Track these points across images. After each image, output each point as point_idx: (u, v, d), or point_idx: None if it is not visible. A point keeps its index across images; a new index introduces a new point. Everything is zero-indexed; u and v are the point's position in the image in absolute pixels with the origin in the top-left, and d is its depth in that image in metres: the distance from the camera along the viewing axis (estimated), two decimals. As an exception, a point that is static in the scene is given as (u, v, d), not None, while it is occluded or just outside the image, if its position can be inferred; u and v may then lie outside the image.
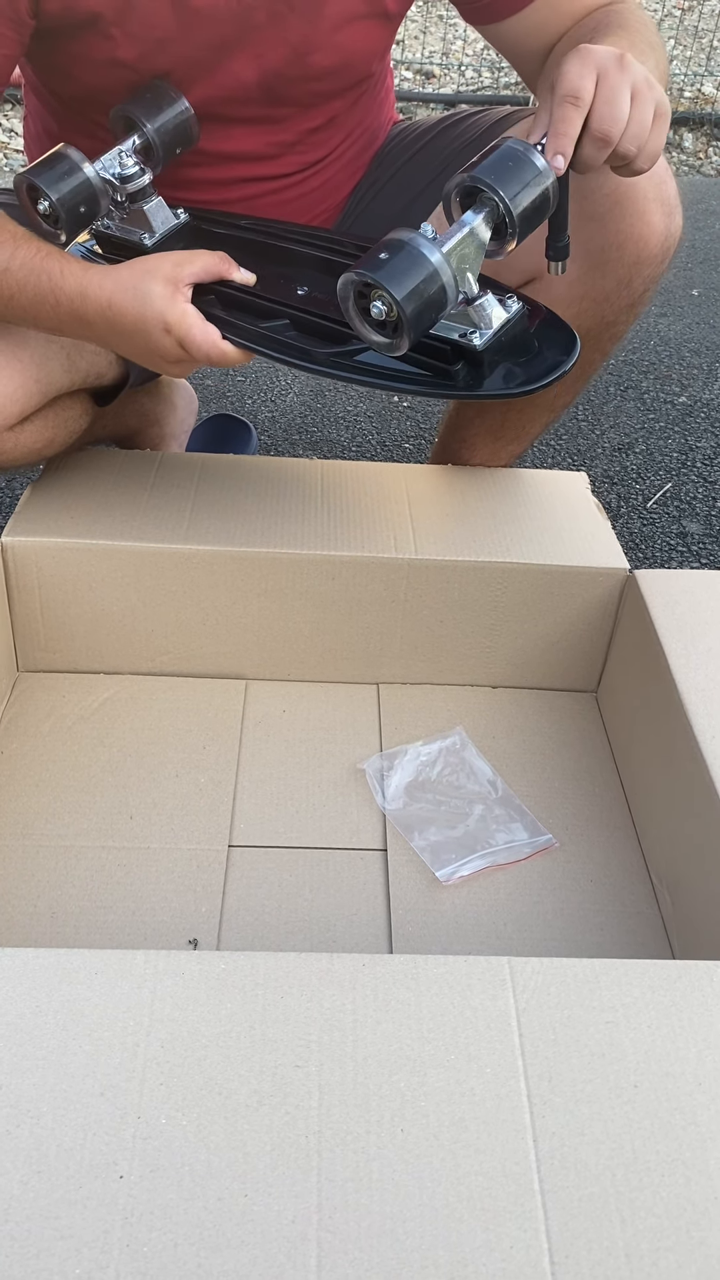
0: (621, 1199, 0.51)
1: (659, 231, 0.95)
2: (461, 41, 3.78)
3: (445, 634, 1.03)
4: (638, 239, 0.95)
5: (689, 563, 1.46)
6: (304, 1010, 0.57)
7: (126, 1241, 0.48)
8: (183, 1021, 0.56)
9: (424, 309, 0.76)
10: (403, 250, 0.76)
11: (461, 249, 0.79)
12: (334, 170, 1.09)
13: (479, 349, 0.84)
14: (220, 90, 0.94)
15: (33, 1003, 0.57)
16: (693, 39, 3.76)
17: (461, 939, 0.83)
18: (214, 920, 0.83)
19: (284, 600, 1.00)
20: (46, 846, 0.89)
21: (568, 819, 0.94)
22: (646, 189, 0.93)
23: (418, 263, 0.75)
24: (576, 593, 1.00)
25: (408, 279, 0.75)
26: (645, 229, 0.94)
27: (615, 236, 0.94)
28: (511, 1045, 0.56)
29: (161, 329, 0.83)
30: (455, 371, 0.86)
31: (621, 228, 0.94)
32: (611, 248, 0.95)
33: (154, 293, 0.83)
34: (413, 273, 0.75)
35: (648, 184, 0.93)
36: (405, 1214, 0.50)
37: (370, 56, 0.99)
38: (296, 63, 0.94)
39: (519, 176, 0.78)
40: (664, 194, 0.94)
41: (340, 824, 0.92)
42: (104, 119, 0.95)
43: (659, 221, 0.94)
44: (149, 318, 0.83)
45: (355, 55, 0.96)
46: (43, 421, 0.97)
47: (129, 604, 1.00)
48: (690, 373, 1.92)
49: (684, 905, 0.83)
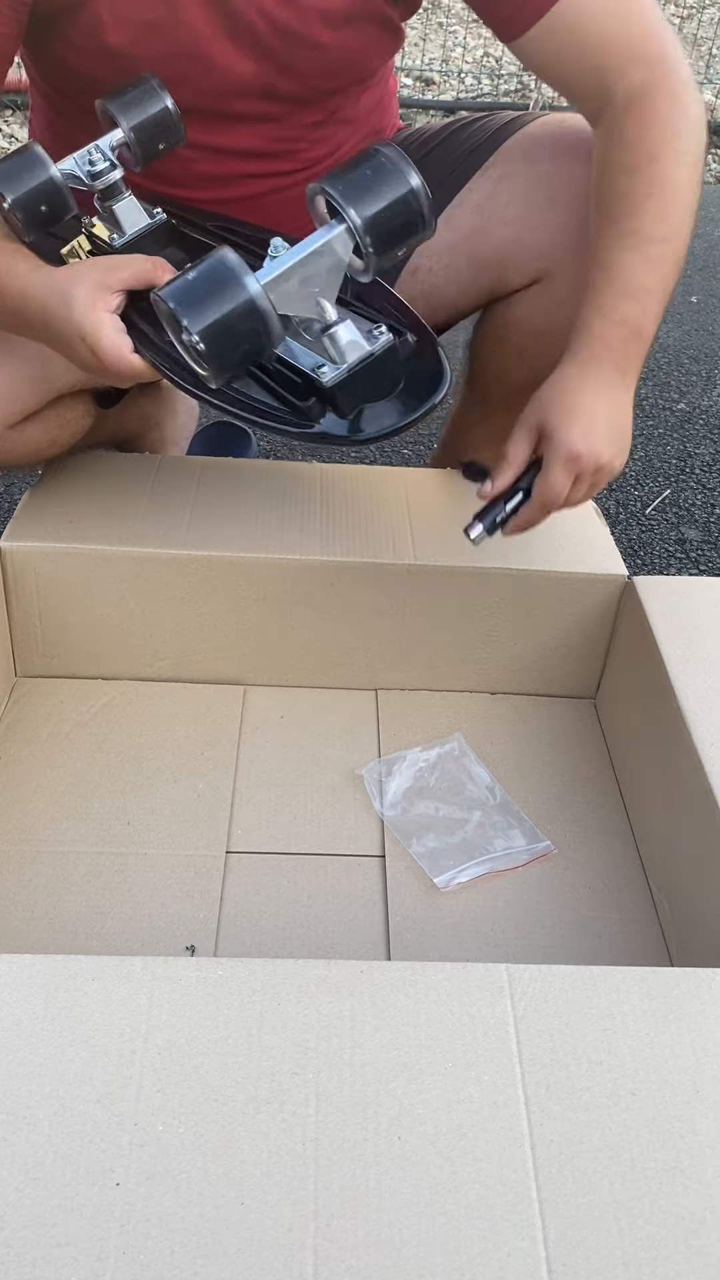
0: (619, 1207, 0.51)
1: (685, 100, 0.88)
2: (461, 49, 3.79)
3: (444, 640, 1.03)
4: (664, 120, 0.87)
5: (687, 569, 1.46)
6: (301, 1017, 0.57)
7: (123, 1249, 0.48)
8: (180, 1028, 0.56)
9: (229, 344, 0.67)
10: (212, 273, 0.66)
11: (304, 270, 0.70)
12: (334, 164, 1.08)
13: (325, 385, 0.76)
14: (217, 83, 0.93)
15: (29, 1009, 0.56)
16: (692, 46, 3.78)
17: (459, 946, 0.83)
18: (211, 926, 0.83)
19: (282, 605, 1.00)
20: (44, 852, 0.88)
21: (566, 825, 0.94)
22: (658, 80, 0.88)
23: (226, 290, 0.65)
24: (575, 599, 1.00)
25: (209, 309, 0.65)
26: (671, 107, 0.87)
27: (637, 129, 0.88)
28: (509, 1052, 0.56)
29: (78, 336, 0.81)
30: (305, 408, 0.78)
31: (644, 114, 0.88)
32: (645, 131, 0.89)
33: (77, 298, 0.81)
34: (217, 302, 0.65)
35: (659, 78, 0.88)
36: (402, 1222, 0.50)
37: (368, 56, 0.98)
38: (292, 56, 0.93)
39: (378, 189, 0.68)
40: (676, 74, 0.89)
41: (338, 830, 0.92)
42: None
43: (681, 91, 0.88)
44: (70, 323, 0.81)
45: (352, 53, 0.95)
46: (45, 421, 0.97)
47: (127, 609, 1.00)
48: (689, 380, 1.92)
49: (682, 912, 0.83)
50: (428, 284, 1.07)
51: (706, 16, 4.05)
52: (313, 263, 0.70)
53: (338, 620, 1.01)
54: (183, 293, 0.66)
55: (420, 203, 0.69)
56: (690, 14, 4.10)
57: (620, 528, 1.52)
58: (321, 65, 0.94)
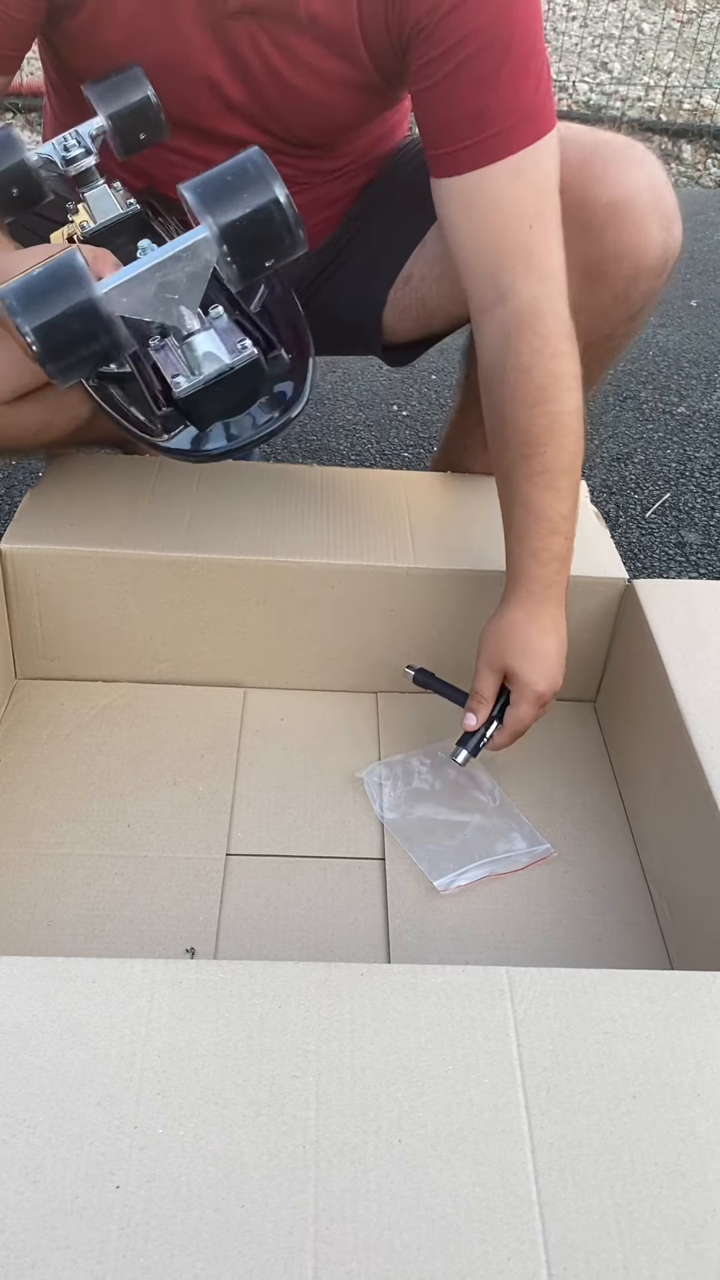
0: (620, 1210, 0.51)
1: (657, 244, 0.95)
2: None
3: (444, 643, 1.03)
4: (635, 251, 0.95)
5: (687, 572, 1.46)
6: (302, 1020, 0.57)
7: (123, 1252, 0.48)
8: (180, 1031, 0.56)
9: (66, 346, 0.64)
10: (54, 274, 0.64)
11: (162, 276, 0.67)
12: (330, 187, 1.09)
13: (176, 397, 0.74)
14: (205, 103, 0.93)
15: (30, 1011, 0.56)
16: (691, 51, 3.78)
17: (459, 949, 0.83)
18: (211, 929, 0.83)
19: (283, 608, 1.00)
20: (44, 854, 0.88)
21: (566, 828, 0.94)
22: (644, 202, 0.93)
23: (65, 291, 0.63)
24: (575, 602, 1.00)
25: (45, 309, 0.63)
26: (643, 241, 0.94)
27: (612, 249, 0.94)
28: (510, 1055, 0.56)
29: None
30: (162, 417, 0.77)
31: (619, 240, 0.94)
32: (609, 260, 0.95)
33: None
34: (55, 303, 0.63)
35: (646, 196, 0.93)
36: (403, 1225, 0.49)
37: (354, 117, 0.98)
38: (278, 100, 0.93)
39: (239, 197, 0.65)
40: (662, 207, 0.94)
41: (338, 833, 0.92)
42: None
43: (657, 234, 0.94)
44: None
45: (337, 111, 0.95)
46: (40, 402, 0.96)
47: (127, 611, 1.00)
48: (689, 383, 1.92)
49: (682, 915, 0.83)
50: (421, 291, 1.08)
51: (706, 21, 4.06)
52: (171, 268, 0.67)
53: (338, 623, 1.01)
54: (22, 290, 0.64)
55: (284, 215, 0.66)
56: (690, 19, 4.11)
57: (620, 531, 1.52)
58: (305, 116, 0.95)
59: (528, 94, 0.85)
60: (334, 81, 0.91)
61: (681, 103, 3.52)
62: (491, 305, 0.90)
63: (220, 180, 0.66)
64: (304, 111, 0.94)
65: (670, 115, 3.38)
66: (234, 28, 0.88)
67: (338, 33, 0.87)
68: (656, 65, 3.70)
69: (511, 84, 0.84)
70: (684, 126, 3.33)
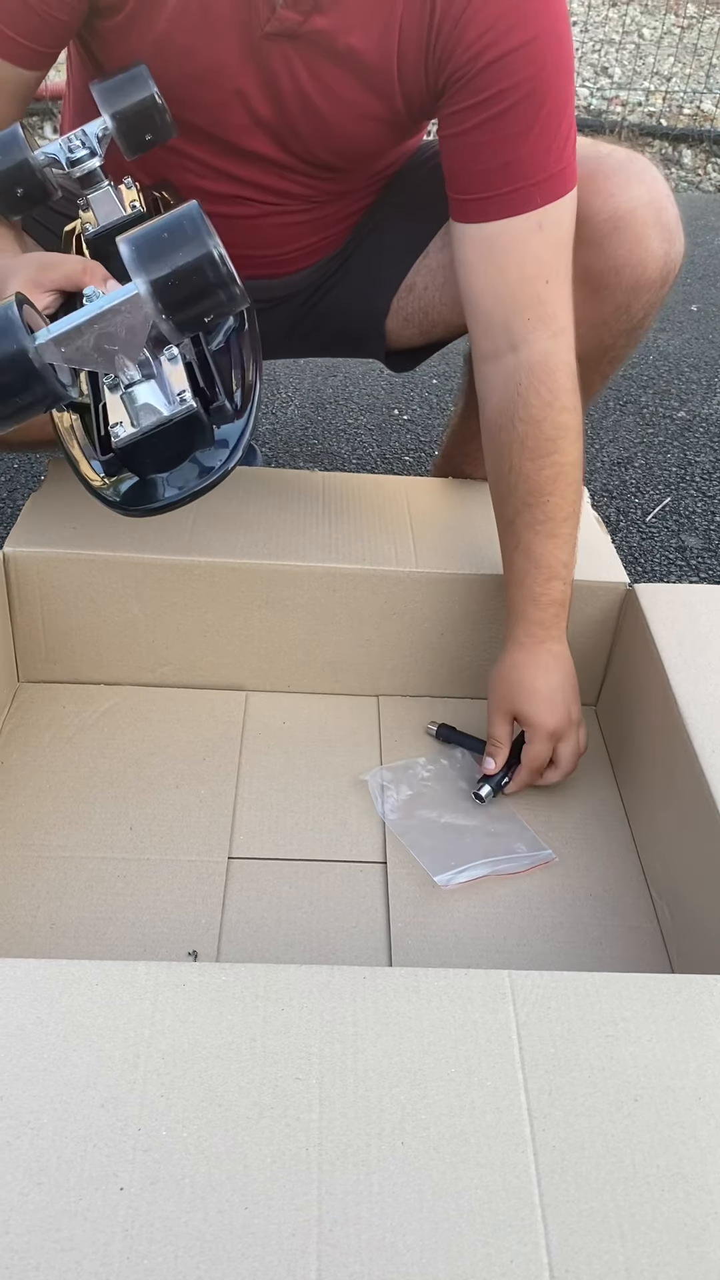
0: (622, 1213, 0.51)
1: (658, 257, 0.95)
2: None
3: (446, 647, 1.03)
4: (636, 264, 0.95)
5: (688, 577, 1.46)
6: (305, 1023, 0.57)
7: (127, 1254, 0.48)
8: (183, 1033, 0.56)
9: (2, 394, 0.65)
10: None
11: (100, 327, 0.67)
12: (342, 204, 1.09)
13: (115, 446, 0.73)
14: (231, 117, 0.93)
15: (34, 1014, 0.57)
16: (692, 56, 3.79)
17: (460, 952, 0.83)
18: (214, 932, 0.83)
19: (284, 612, 1.01)
20: (46, 857, 0.89)
21: (567, 832, 0.94)
22: (645, 214, 0.93)
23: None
24: (577, 606, 1.00)
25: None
26: (644, 254, 0.95)
27: (613, 261, 0.95)
28: (512, 1058, 0.56)
29: None
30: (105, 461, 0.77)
31: (620, 253, 0.94)
32: (609, 272, 0.95)
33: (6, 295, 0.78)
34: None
35: (647, 210, 0.93)
36: (405, 1227, 0.50)
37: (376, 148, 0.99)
38: (305, 125, 0.93)
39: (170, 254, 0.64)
40: (664, 219, 0.95)
41: (340, 836, 0.92)
42: None
43: (658, 247, 0.95)
44: None
45: (361, 142, 0.96)
46: None
47: (130, 615, 1.00)
48: (689, 388, 1.93)
49: (682, 919, 0.83)
50: (424, 301, 1.08)
51: (706, 26, 4.07)
52: (109, 320, 0.66)
53: (340, 626, 1.02)
54: None
55: (218, 271, 0.65)
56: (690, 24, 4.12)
57: (621, 535, 1.53)
58: (330, 142, 0.95)
59: (556, 151, 0.86)
60: (363, 115, 0.92)
61: (682, 108, 3.53)
62: (502, 353, 0.92)
63: (155, 237, 0.65)
64: (329, 138, 0.94)
65: (670, 120, 3.39)
66: (270, 48, 0.88)
67: (374, 69, 0.88)
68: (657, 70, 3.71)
69: (542, 141, 0.85)
70: (684, 131, 3.33)
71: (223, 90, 0.92)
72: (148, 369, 0.73)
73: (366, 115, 0.92)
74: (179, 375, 0.74)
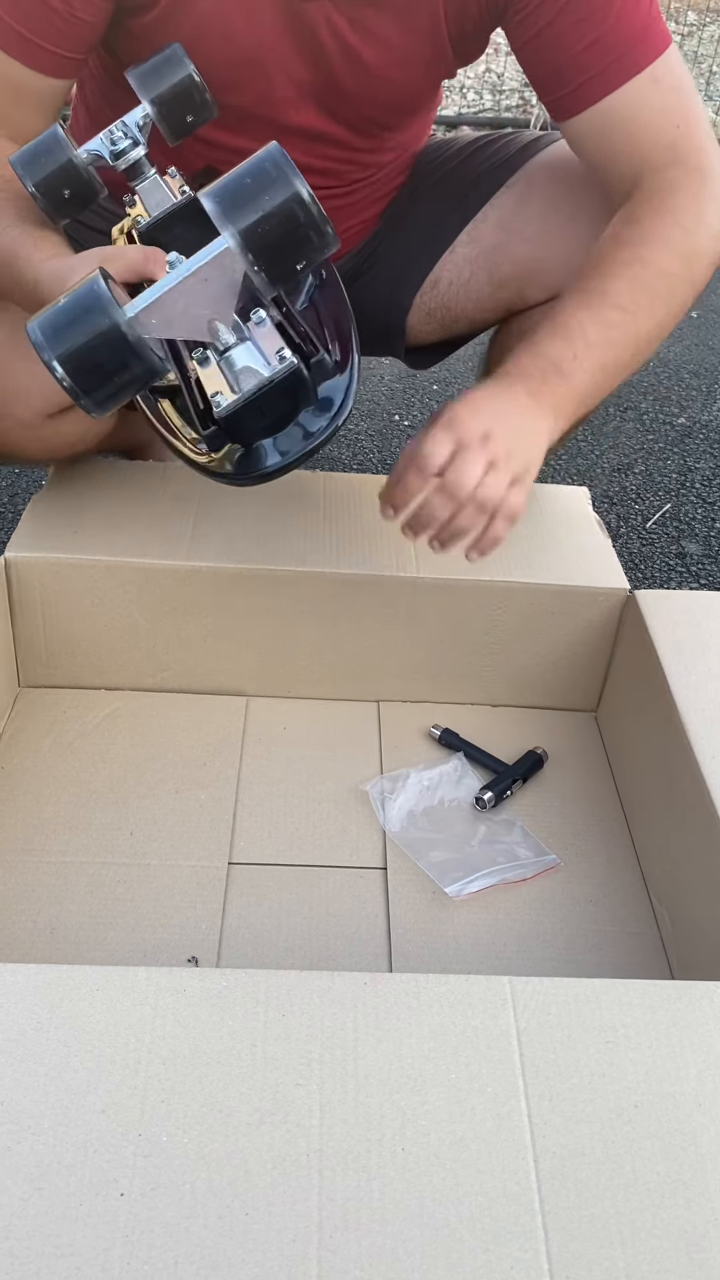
0: (622, 1220, 0.51)
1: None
2: (463, 64, 3.81)
3: (446, 652, 1.04)
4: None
5: (688, 583, 1.46)
6: (305, 1028, 0.57)
7: (127, 1259, 0.48)
8: (184, 1039, 0.56)
9: (96, 376, 0.62)
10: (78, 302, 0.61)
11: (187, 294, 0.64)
12: (373, 186, 1.09)
13: (218, 416, 0.71)
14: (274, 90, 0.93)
15: (34, 1019, 0.57)
16: (692, 64, 3.80)
17: (460, 958, 0.83)
18: (214, 938, 0.83)
19: (285, 617, 1.01)
20: (46, 862, 0.89)
21: (567, 839, 0.94)
22: None
23: (90, 320, 0.61)
24: (577, 612, 1.00)
25: (70, 340, 0.61)
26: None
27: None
28: (512, 1064, 0.56)
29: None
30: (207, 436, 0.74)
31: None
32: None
33: None
34: (80, 332, 0.60)
35: None
36: (406, 1233, 0.50)
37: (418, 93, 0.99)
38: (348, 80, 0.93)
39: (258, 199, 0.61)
40: None
41: (340, 842, 0.92)
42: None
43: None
44: None
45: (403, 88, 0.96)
46: (79, 413, 0.97)
47: (131, 620, 1.01)
48: (689, 394, 1.93)
49: (682, 925, 0.83)
50: (447, 297, 1.08)
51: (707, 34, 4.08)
52: (196, 285, 0.63)
53: (340, 632, 1.02)
54: (47, 323, 0.61)
55: (309, 212, 0.61)
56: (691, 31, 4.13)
57: (621, 541, 1.53)
58: (376, 94, 0.95)
59: (643, 12, 0.84)
60: (408, 57, 0.91)
61: (682, 115, 3.53)
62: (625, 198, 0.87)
63: (238, 184, 0.61)
64: (376, 90, 0.94)
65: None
66: (309, 10, 0.87)
67: (416, 4, 0.87)
68: (657, 78, 3.71)
69: (626, 6, 0.84)
70: (685, 139, 3.33)
71: (266, 66, 0.91)
72: (240, 333, 0.70)
73: (411, 57, 0.91)
74: (272, 336, 0.71)
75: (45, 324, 0.62)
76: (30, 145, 0.82)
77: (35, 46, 0.86)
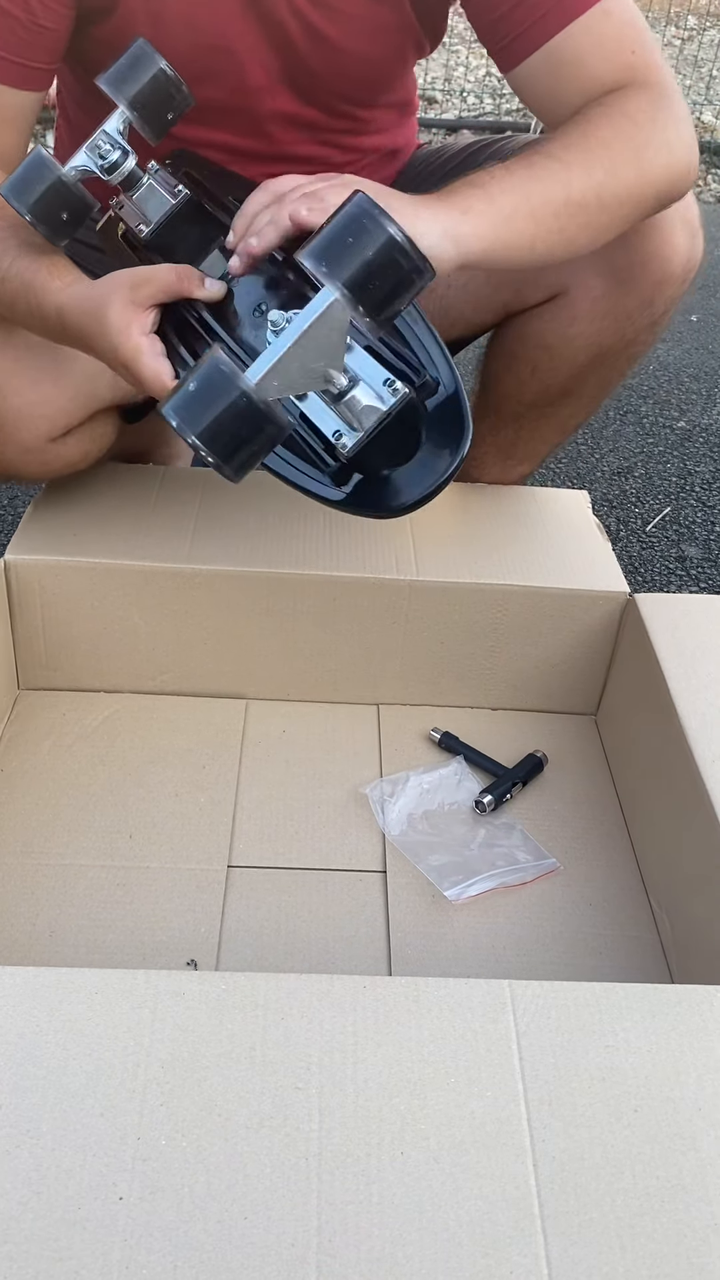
0: (622, 1224, 0.51)
1: (682, 252, 0.95)
2: (463, 68, 3.82)
3: (445, 655, 1.04)
4: (662, 258, 0.95)
5: (688, 586, 1.46)
6: (304, 1032, 0.57)
7: (125, 1263, 0.48)
8: (183, 1042, 0.56)
9: (235, 446, 0.65)
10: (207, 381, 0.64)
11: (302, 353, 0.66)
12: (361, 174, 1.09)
13: (345, 456, 0.74)
14: (244, 78, 0.93)
15: (33, 1022, 0.57)
16: (692, 68, 3.81)
17: (460, 962, 0.83)
18: (213, 941, 0.83)
19: (285, 620, 1.01)
20: (46, 865, 0.88)
21: (567, 842, 0.94)
22: (672, 210, 0.93)
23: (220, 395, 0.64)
24: (577, 616, 1.00)
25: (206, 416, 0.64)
26: (669, 249, 0.95)
27: (640, 255, 0.95)
28: (512, 1068, 0.56)
29: (119, 364, 0.78)
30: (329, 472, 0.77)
31: (647, 247, 0.94)
32: (636, 266, 0.95)
33: (110, 322, 0.77)
34: (213, 408, 0.64)
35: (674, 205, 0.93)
36: (405, 1237, 0.50)
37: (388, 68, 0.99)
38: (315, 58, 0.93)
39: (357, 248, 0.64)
40: (688, 215, 0.95)
41: (340, 845, 0.92)
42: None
43: (683, 241, 0.95)
44: (108, 348, 0.78)
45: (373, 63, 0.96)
46: (82, 434, 0.97)
47: (130, 622, 1.01)
48: (689, 398, 1.93)
49: (682, 929, 0.83)
50: (445, 300, 1.08)
51: (707, 39, 4.09)
52: (308, 343, 0.66)
53: (340, 635, 1.02)
54: (182, 406, 0.65)
55: (408, 254, 0.64)
56: (691, 36, 4.14)
57: (620, 545, 1.53)
58: (347, 71, 0.95)
59: None
60: (373, 28, 0.91)
61: (682, 119, 3.53)
62: None
63: (335, 239, 0.64)
64: (344, 67, 0.94)
65: (671, 131, 3.40)
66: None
67: None
68: (657, 82, 3.72)
69: None
70: (684, 143, 3.34)
71: (236, 54, 0.92)
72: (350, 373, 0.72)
73: (377, 28, 0.91)
74: (371, 365, 0.73)
75: (179, 407, 0.64)
76: (17, 173, 0.80)
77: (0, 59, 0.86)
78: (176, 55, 0.88)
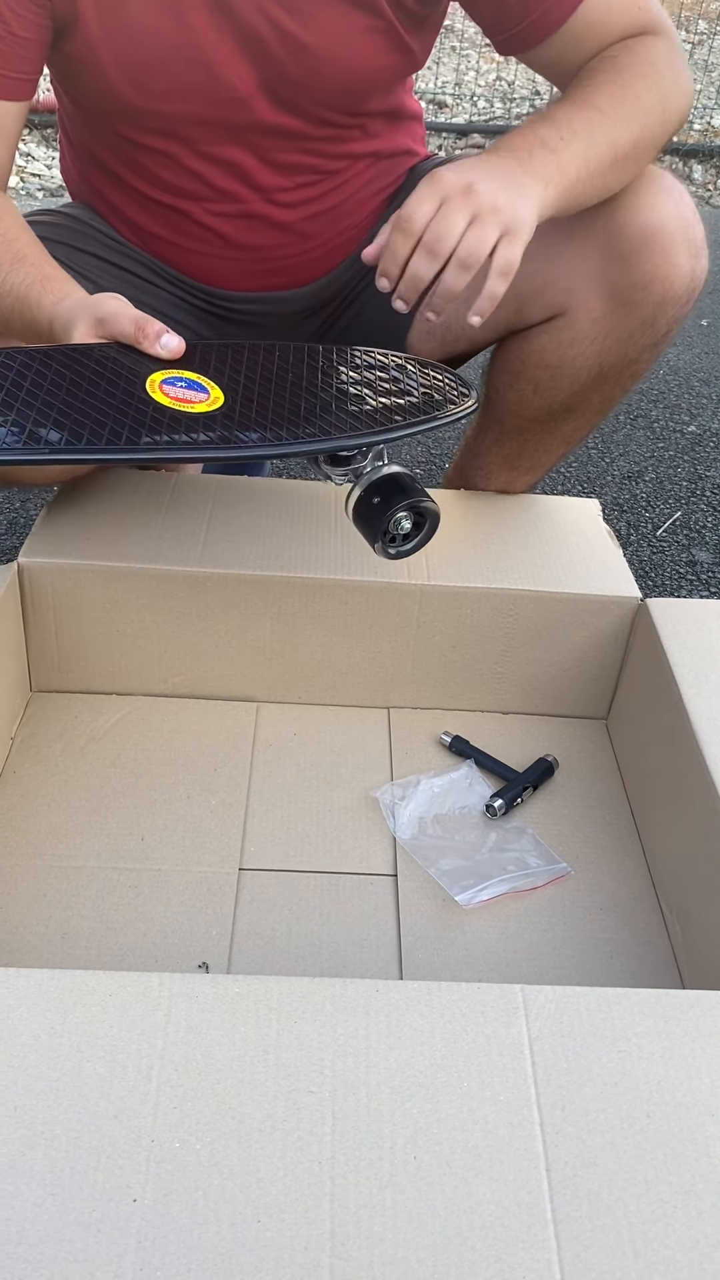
0: (634, 1230, 0.51)
1: (684, 273, 0.96)
2: (474, 73, 3.82)
3: (456, 660, 1.04)
4: (664, 280, 0.95)
5: (698, 591, 1.46)
6: (317, 1035, 0.57)
7: (139, 1266, 0.48)
8: (197, 1045, 0.56)
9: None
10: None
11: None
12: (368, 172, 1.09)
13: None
14: (222, 89, 0.93)
15: (46, 1024, 0.57)
16: (703, 72, 3.81)
17: (471, 966, 0.83)
18: (224, 943, 0.84)
19: (296, 624, 1.01)
20: (58, 867, 0.89)
21: (578, 847, 0.94)
22: (674, 230, 0.94)
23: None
24: (588, 621, 1.01)
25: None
26: (671, 270, 0.95)
27: (641, 276, 0.95)
28: (524, 1073, 0.56)
29: None
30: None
31: (648, 268, 0.95)
32: (637, 287, 0.96)
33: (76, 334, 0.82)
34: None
35: (675, 225, 0.94)
36: (418, 1241, 0.50)
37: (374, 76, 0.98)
38: (294, 67, 0.93)
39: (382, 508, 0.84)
40: (691, 236, 0.95)
41: (351, 849, 0.93)
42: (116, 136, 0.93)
43: (685, 263, 0.95)
44: None
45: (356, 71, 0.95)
46: None
47: (142, 625, 1.01)
48: (700, 402, 1.93)
49: (694, 934, 0.83)
50: (447, 314, 1.09)
51: (717, 43, 4.08)
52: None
53: (350, 639, 1.02)
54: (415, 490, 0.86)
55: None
56: (701, 40, 4.14)
57: (631, 549, 1.53)
58: (326, 78, 0.94)
59: None
60: (351, 33, 0.91)
61: (692, 123, 3.54)
62: None
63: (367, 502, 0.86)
64: (324, 75, 0.94)
65: (681, 136, 3.40)
66: (240, 5, 0.87)
67: None
68: (668, 86, 3.72)
69: None
70: (695, 147, 3.35)
71: (210, 66, 0.91)
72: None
73: (355, 32, 0.91)
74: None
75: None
76: None
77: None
78: (149, 69, 0.89)
